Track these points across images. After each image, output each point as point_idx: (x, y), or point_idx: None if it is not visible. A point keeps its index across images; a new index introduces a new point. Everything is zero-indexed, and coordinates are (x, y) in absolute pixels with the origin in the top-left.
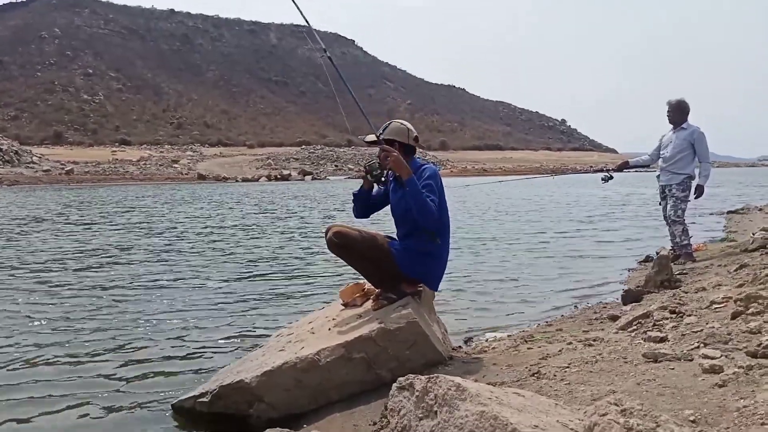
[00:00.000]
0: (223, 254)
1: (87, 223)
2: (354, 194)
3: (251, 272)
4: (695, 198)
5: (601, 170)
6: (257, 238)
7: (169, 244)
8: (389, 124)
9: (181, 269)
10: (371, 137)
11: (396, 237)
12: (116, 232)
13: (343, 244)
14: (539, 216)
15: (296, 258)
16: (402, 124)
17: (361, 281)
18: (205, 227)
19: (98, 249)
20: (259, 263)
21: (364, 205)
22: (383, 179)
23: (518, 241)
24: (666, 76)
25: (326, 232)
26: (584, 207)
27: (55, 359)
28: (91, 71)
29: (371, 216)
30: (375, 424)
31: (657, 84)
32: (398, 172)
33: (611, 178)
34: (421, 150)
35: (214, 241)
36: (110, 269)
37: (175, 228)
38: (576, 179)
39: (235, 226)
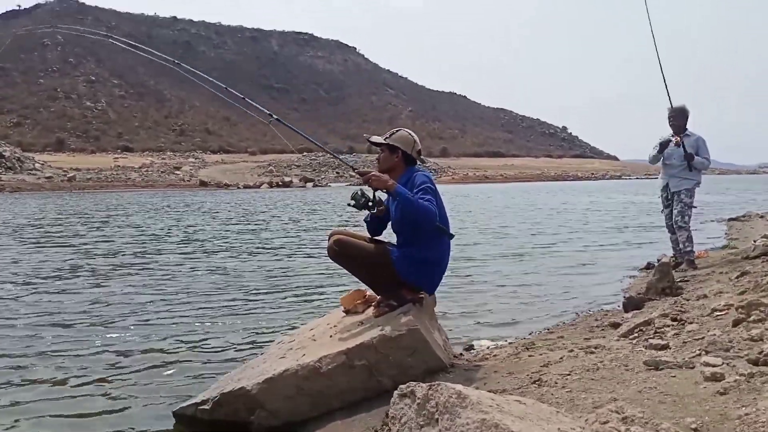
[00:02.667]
0: (223, 262)
1: (91, 229)
2: (366, 221)
3: (252, 280)
4: (684, 156)
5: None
6: (259, 245)
7: (170, 252)
8: (397, 131)
9: (181, 278)
10: (377, 138)
11: (396, 244)
12: (118, 237)
13: (343, 252)
14: (540, 224)
15: (297, 265)
16: (409, 134)
17: (363, 288)
18: (207, 235)
19: (100, 254)
20: (260, 271)
21: (376, 224)
22: (370, 204)
23: (519, 248)
24: (667, 84)
25: (328, 240)
26: (584, 215)
27: (55, 368)
28: (93, 78)
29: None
30: (376, 431)
31: (657, 91)
32: (383, 188)
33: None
34: (420, 161)
35: (214, 249)
36: (109, 278)
37: (177, 235)
38: (577, 186)
39: (236, 233)
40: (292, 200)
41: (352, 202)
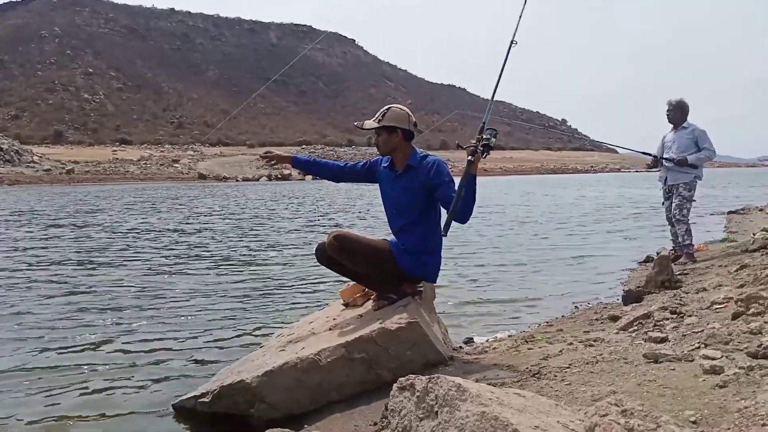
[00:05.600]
0: (222, 255)
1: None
2: (304, 163)
3: (251, 273)
4: (674, 163)
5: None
6: (257, 239)
7: (168, 245)
8: (388, 110)
9: (180, 270)
10: (370, 123)
11: (391, 232)
12: (122, 228)
13: (344, 247)
14: (539, 217)
15: (297, 258)
16: (401, 109)
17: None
18: (207, 228)
19: (96, 247)
20: (260, 264)
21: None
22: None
23: (518, 241)
24: (666, 77)
25: (326, 237)
26: (584, 208)
27: (54, 360)
28: (91, 70)
29: (369, 215)
30: (376, 424)
31: (657, 85)
32: (474, 168)
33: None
34: (418, 132)
35: (212, 242)
36: (107, 271)
37: (177, 228)
38: (572, 180)
39: (234, 226)
40: (290, 193)
41: (489, 136)
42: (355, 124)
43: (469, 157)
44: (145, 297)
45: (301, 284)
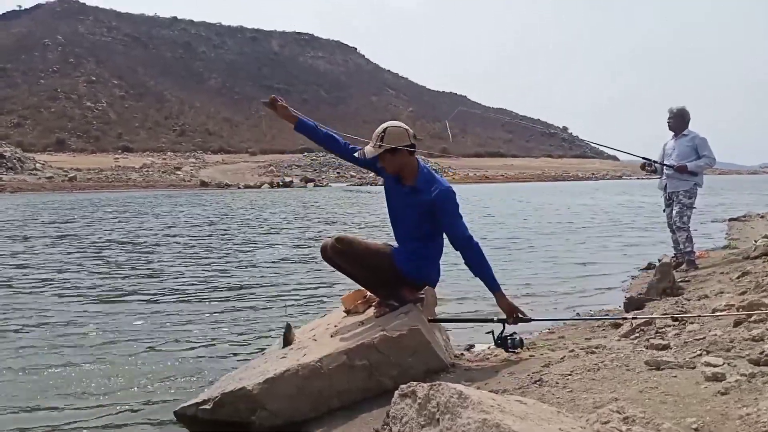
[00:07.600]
0: (223, 262)
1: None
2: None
3: (252, 280)
4: (674, 170)
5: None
6: (257, 246)
7: (169, 252)
8: (385, 132)
9: (182, 278)
10: (372, 151)
11: (395, 238)
12: (130, 233)
13: (347, 250)
14: (541, 223)
15: (298, 265)
16: (398, 126)
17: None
18: (210, 234)
19: (98, 251)
20: (260, 271)
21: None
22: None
23: (520, 248)
24: (667, 84)
25: (330, 239)
26: (585, 215)
27: (55, 367)
28: (94, 78)
29: (369, 217)
30: (377, 431)
31: (658, 92)
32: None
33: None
34: (423, 157)
35: (216, 249)
36: (108, 278)
37: (179, 235)
38: (575, 187)
39: (236, 233)
40: (292, 200)
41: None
42: (356, 155)
43: (505, 317)
44: (144, 304)
45: (303, 291)
